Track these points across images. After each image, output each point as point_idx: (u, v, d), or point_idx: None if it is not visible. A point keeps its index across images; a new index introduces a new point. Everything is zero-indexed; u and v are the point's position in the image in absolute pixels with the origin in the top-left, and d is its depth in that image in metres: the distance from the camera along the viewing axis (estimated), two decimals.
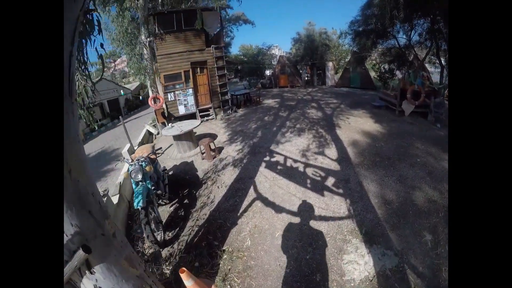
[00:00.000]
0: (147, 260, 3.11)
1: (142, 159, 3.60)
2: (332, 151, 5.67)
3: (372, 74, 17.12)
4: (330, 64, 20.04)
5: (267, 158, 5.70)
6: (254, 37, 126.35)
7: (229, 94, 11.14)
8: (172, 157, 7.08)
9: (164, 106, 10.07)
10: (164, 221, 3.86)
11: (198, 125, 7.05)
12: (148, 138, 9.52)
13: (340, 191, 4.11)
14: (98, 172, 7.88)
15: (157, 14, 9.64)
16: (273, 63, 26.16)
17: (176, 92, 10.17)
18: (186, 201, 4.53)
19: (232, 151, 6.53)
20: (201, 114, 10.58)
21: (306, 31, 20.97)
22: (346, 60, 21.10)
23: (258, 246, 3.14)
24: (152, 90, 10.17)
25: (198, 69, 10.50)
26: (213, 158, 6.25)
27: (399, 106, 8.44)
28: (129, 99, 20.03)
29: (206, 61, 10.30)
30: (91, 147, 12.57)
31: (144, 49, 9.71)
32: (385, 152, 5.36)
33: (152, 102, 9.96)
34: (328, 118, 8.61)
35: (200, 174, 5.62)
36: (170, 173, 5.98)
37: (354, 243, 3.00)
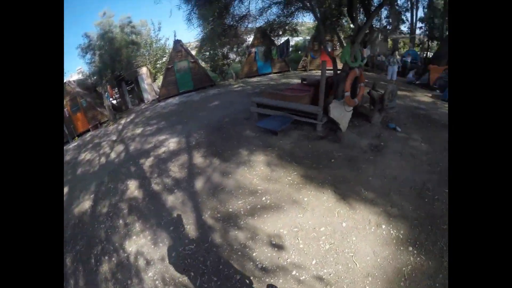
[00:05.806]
0: None
1: None
2: None
3: (203, 65, 13.17)
4: (144, 70, 12.28)
5: None
6: None
7: None
8: None
9: None
10: None
11: None
12: None
13: None
14: None
15: None
16: None
17: None
18: None
19: None
20: None
21: (100, 27, 11.62)
22: (164, 60, 14.44)
23: None
24: None
25: None
26: None
27: (323, 115, 4.37)
28: None
29: None
30: None
31: None
32: None
33: None
34: None
35: None
36: None
37: None
